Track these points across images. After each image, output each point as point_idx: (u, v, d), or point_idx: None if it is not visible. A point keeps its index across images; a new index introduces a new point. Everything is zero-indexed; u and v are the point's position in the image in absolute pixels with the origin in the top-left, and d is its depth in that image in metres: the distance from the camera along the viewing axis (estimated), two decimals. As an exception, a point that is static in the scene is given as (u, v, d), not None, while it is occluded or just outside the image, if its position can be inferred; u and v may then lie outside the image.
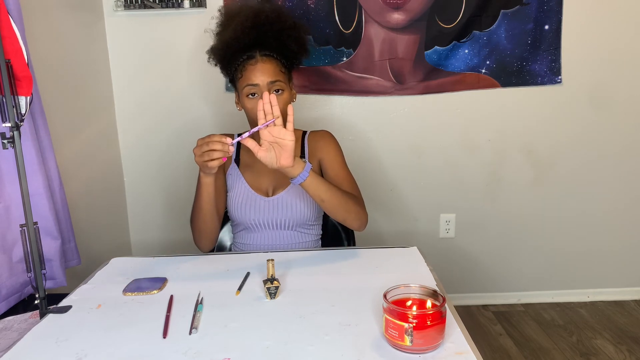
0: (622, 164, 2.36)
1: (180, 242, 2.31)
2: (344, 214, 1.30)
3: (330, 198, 1.26)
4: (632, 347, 2.08)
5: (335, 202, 1.27)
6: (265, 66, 1.33)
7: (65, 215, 1.56)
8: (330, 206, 1.27)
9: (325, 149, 1.44)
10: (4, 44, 1.10)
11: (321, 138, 1.47)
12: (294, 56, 1.41)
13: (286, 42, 1.37)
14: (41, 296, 1.07)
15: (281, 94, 1.34)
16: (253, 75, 1.32)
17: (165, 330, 0.93)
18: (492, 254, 2.45)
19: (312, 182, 1.22)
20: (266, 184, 1.44)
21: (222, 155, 1.14)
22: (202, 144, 1.15)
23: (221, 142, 1.13)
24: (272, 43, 1.36)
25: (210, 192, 1.29)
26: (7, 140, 1.05)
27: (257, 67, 1.33)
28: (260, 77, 1.32)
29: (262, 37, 1.35)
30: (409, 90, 2.24)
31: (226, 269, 1.24)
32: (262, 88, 1.31)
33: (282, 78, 1.35)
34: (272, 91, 1.32)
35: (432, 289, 0.89)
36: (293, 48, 1.39)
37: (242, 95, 1.35)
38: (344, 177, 1.41)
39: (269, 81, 1.32)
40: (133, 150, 2.30)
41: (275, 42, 1.36)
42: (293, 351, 0.85)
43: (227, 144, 1.14)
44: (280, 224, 1.42)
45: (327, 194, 1.25)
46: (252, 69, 1.33)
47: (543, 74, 2.23)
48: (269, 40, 1.35)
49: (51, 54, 1.72)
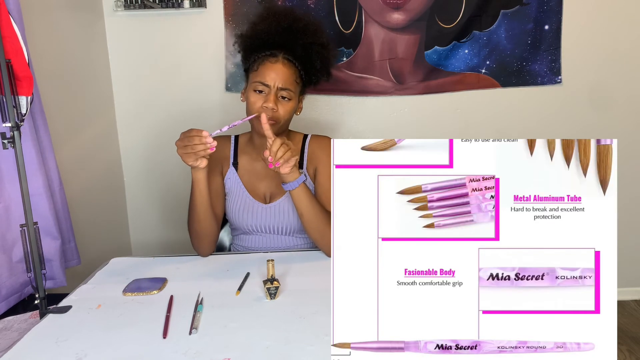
0: (621, 164, 2.34)
1: (180, 242, 2.31)
2: (317, 235, 1.31)
3: (309, 215, 1.28)
4: (632, 347, 2.08)
5: (312, 221, 1.29)
6: (282, 69, 1.32)
7: (65, 216, 1.56)
8: (307, 223, 1.30)
9: (322, 161, 1.42)
10: (5, 44, 1.09)
11: (321, 147, 1.44)
12: (314, 73, 1.40)
13: (312, 56, 1.36)
14: (41, 296, 1.07)
15: (287, 102, 1.33)
16: (267, 74, 1.31)
17: (165, 330, 0.93)
18: (492, 254, 2.45)
19: (299, 194, 1.27)
20: (264, 190, 1.43)
21: (204, 149, 1.15)
22: (183, 138, 1.17)
23: (199, 136, 1.15)
24: (299, 51, 1.35)
25: (202, 189, 1.28)
26: (7, 140, 1.05)
27: (275, 67, 1.32)
28: (274, 78, 1.31)
29: (292, 42, 1.34)
30: (409, 90, 2.24)
31: (226, 269, 1.24)
32: (271, 89, 1.31)
33: (294, 88, 1.34)
34: (278, 96, 1.32)
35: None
36: (317, 65, 1.38)
37: (250, 87, 1.34)
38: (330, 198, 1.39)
39: (280, 86, 1.31)
40: (133, 150, 2.30)
41: (302, 52, 1.35)
42: (293, 351, 0.85)
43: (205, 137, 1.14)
44: (278, 230, 1.42)
45: (307, 210, 1.28)
46: (269, 66, 1.32)
47: (543, 74, 2.23)
48: (297, 48, 1.35)
49: (51, 54, 1.72)
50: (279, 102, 1.31)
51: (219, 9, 2.14)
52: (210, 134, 1.16)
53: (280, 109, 1.31)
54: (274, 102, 1.30)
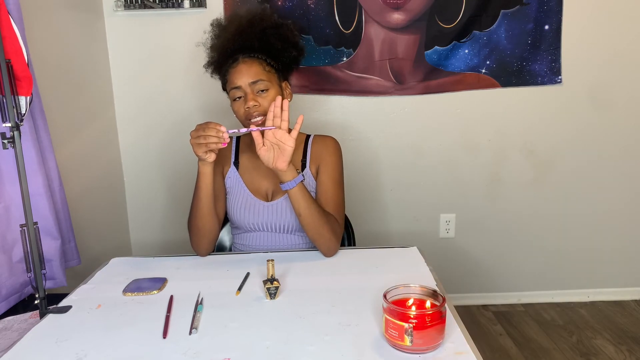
0: (622, 164, 2.36)
1: (180, 242, 2.31)
2: (315, 235, 1.31)
3: (307, 216, 1.28)
4: (632, 347, 2.08)
5: (309, 221, 1.29)
6: (245, 67, 1.33)
7: (65, 215, 1.56)
8: (305, 223, 1.30)
9: (325, 160, 1.42)
10: (4, 44, 1.10)
11: (325, 146, 1.44)
12: (280, 54, 1.39)
13: (270, 40, 1.37)
14: (41, 296, 1.07)
15: (266, 93, 1.34)
16: (235, 78, 1.34)
17: (165, 330, 0.93)
18: (492, 254, 2.45)
19: (296, 194, 1.27)
20: (265, 188, 1.44)
21: (217, 142, 1.17)
22: (199, 129, 1.19)
23: (216, 129, 1.17)
24: (255, 44, 1.36)
25: (207, 183, 1.29)
26: (7, 140, 1.05)
27: (238, 69, 1.34)
28: (241, 78, 1.33)
29: (246, 41, 1.36)
30: (409, 90, 2.24)
31: (226, 269, 1.24)
32: (244, 89, 1.32)
33: (266, 77, 1.34)
34: (256, 91, 1.33)
35: (432, 289, 0.89)
36: (277, 46, 1.37)
37: (230, 99, 1.37)
38: (332, 197, 1.39)
39: (249, 82, 1.32)
40: (133, 150, 2.30)
41: (258, 42, 1.36)
42: (293, 351, 0.85)
43: (222, 132, 1.17)
44: (279, 228, 1.42)
45: (305, 210, 1.28)
46: (233, 72, 1.35)
47: (543, 74, 2.23)
48: (252, 42, 1.36)
49: (51, 54, 1.72)
50: (258, 96, 1.33)
51: (219, 9, 2.14)
52: (227, 130, 1.18)
53: (262, 102, 1.33)
54: (253, 99, 1.32)
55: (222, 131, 1.17)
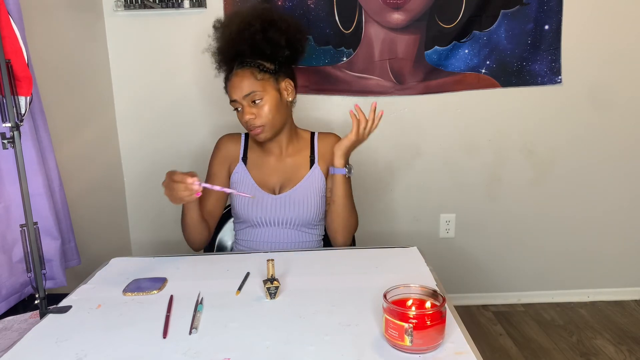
0: (622, 164, 2.36)
1: (180, 242, 2.30)
2: (341, 224, 1.41)
3: (342, 204, 1.38)
4: (633, 347, 2.08)
5: (341, 210, 1.39)
6: (237, 80, 1.34)
7: (65, 215, 1.56)
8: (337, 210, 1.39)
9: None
10: (4, 44, 1.09)
11: (330, 144, 1.46)
12: (273, 55, 1.36)
13: (259, 46, 1.34)
14: (41, 296, 1.07)
15: (261, 102, 1.34)
16: (230, 92, 1.36)
17: (165, 330, 0.93)
18: (492, 254, 2.45)
19: (343, 181, 1.38)
20: (273, 182, 1.45)
21: (189, 195, 1.15)
22: (168, 181, 1.17)
23: (185, 184, 1.14)
24: (246, 51, 1.35)
25: (193, 216, 1.34)
26: (7, 140, 1.05)
27: (232, 82, 1.35)
28: (235, 92, 1.35)
29: (239, 49, 1.36)
30: (409, 90, 2.24)
31: (226, 269, 1.24)
32: (240, 102, 1.35)
33: (260, 86, 1.33)
34: (250, 103, 1.34)
35: (432, 289, 0.89)
36: (267, 50, 1.35)
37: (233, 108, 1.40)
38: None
39: (243, 95, 1.33)
40: (133, 150, 2.30)
41: (249, 49, 1.35)
42: (293, 351, 0.84)
43: (192, 185, 1.14)
44: (284, 222, 1.42)
45: (343, 199, 1.38)
46: (229, 85, 1.37)
47: (543, 74, 2.23)
48: (244, 49, 1.35)
49: (51, 54, 1.72)
50: (253, 107, 1.34)
51: (219, 9, 2.14)
52: (200, 183, 1.15)
53: (258, 112, 1.34)
54: (249, 112, 1.34)
55: (191, 183, 1.14)
